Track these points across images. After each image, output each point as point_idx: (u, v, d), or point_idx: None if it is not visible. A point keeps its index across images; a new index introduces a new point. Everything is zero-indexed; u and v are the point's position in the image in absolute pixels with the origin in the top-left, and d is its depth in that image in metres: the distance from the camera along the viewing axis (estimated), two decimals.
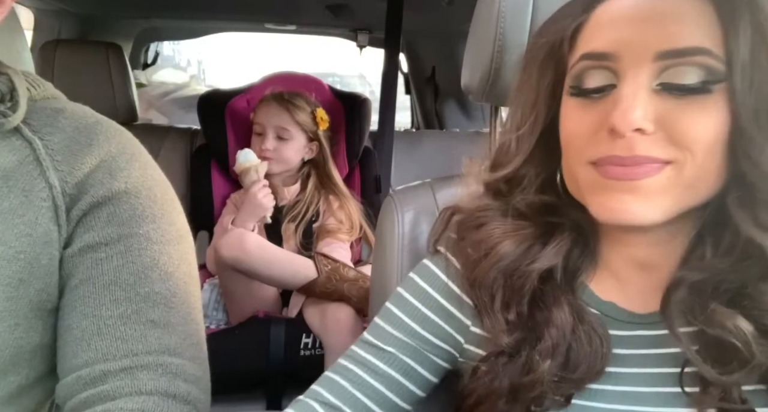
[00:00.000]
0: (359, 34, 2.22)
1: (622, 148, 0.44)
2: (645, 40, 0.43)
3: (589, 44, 0.47)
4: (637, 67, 0.44)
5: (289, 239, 1.48)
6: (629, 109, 0.43)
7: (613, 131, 0.44)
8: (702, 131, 0.43)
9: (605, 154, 0.45)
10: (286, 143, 1.48)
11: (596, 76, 0.46)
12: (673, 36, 0.43)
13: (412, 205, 0.69)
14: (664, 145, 0.43)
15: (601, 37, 0.46)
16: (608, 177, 0.45)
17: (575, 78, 0.48)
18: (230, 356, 1.26)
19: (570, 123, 0.48)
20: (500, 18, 0.61)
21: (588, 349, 0.49)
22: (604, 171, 0.46)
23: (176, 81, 3.96)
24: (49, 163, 0.53)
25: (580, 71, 0.47)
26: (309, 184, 1.54)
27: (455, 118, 2.18)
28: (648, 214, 0.44)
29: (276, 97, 1.51)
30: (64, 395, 0.51)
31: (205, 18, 2.39)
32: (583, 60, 0.47)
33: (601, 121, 0.45)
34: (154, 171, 0.60)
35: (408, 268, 0.66)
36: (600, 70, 0.46)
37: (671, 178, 0.44)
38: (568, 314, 0.50)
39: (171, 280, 0.55)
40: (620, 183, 0.45)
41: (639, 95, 0.43)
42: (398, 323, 0.56)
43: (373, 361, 0.55)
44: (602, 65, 0.46)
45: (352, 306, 1.33)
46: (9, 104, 0.54)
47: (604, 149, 0.45)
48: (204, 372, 0.55)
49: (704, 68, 0.42)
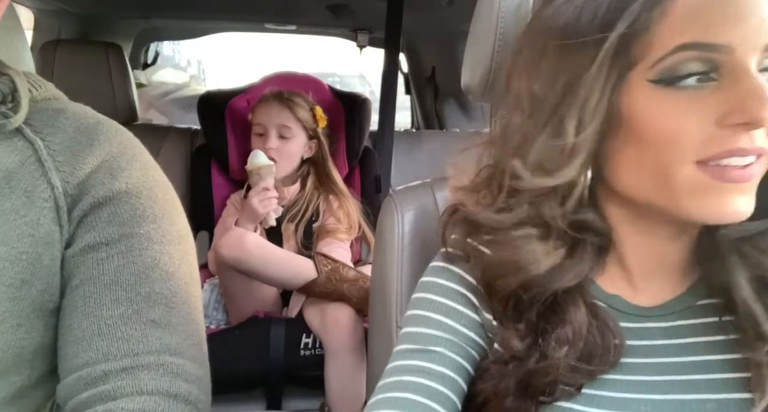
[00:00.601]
0: (359, 34, 2.22)
1: (747, 141, 0.43)
2: (757, 33, 0.43)
3: (690, 34, 0.43)
4: (748, 60, 0.43)
5: (289, 238, 1.48)
6: (766, 100, 0.42)
7: (748, 125, 0.43)
8: None
9: (724, 149, 0.43)
10: (288, 142, 1.49)
11: (697, 66, 0.44)
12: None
13: (412, 205, 0.69)
14: (766, 137, 0.44)
15: (705, 27, 0.43)
16: (724, 180, 0.44)
17: (668, 69, 0.44)
18: (230, 356, 1.26)
19: (668, 117, 0.45)
20: (500, 18, 0.61)
21: (601, 342, 0.49)
22: (719, 173, 0.44)
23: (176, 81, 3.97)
24: (50, 164, 0.53)
25: (677, 62, 0.44)
26: (308, 183, 1.54)
27: (455, 118, 2.18)
28: (751, 209, 0.45)
29: (276, 96, 1.51)
30: (64, 396, 0.51)
31: (205, 18, 2.39)
32: (684, 51, 0.44)
33: (716, 115, 0.43)
34: (155, 171, 0.60)
35: (408, 268, 0.66)
36: (702, 62, 0.44)
37: (762, 172, 0.45)
38: (584, 312, 0.50)
39: (172, 280, 0.55)
40: (736, 185, 0.44)
41: (763, 87, 0.42)
42: (436, 324, 0.54)
43: (426, 365, 0.52)
44: (708, 57, 0.44)
45: (352, 306, 1.33)
46: (11, 105, 0.54)
47: (725, 144, 0.43)
48: (205, 372, 0.55)
49: None
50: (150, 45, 2.73)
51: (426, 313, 0.55)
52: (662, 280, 0.53)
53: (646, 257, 0.53)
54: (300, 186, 1.54)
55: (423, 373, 0.51)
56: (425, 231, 0.67)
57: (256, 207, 1.41)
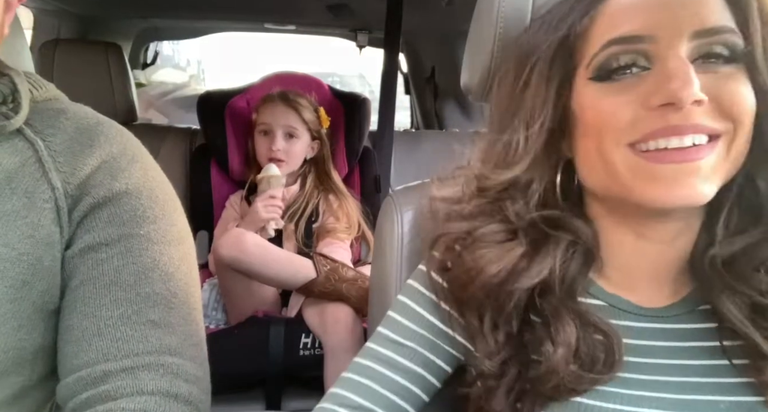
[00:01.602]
0: (359, 34, 2.22)
1: (679, 119, 0.44)
2: (679, 21, 0.45)
3: (614, 30, 0.47)
4: (674, 46, 0.45)
5: (288, 238, 1.48)
6: (689, 80, 0.43)
7: (670, 105, 0.44)
8: (747, 101, 0.45)
9: (660, 126, 0.45)
10: (294, 142, 1.49)
11: (626, 58, 0.47)
12: (704, 16, 0.45)
13: (411, 205, 0.69)
14: (716, 117, 0.45)
15: (629, 21, 0.47)
16: (662, 161, 0.45)
17: (601, 65, 0.48)
18: (230, 356, 1.26)
19: (601, 107, 0.48)
20: (500, 18, 0.61)
21: (597, 344, 0.49)
22: (660, 156, 0.45)
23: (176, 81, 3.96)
24: (51, 165, 0.53)
25: (606, 57, 0.47)
26: (308, 182, 1.54)
27: (455, 118, 2.18)
28: (709, 193, 0.45)
29: (282, 97, 1.51)
30: (64, 396, 0.51)
31: (205, 18, 2.39)
32: (611, 46, 0.47)
33: (643, 99, 0.46)
34: (155, 172, 0.60)
35: (407, 268, 0.66)
36: (630, 54, 0.47)
37: (722, 155, 0.46)
38: (571, 324, 0.50)
39: (171, 280, 0.55)
40: (680, 166, 0.45)
41: (690, 68, 0.44)
42: (415, 317, 0.56)
43: (394, 357, 0.55)
44: (634, 48, 0.46)
45: (351, 306, 1.33)
46: (11, 106, 0.54)
47: (653, 125, 0.45)
48: (204, 372, 0.55)
49: (731, 44, 0.45)
50: (149, 45, 2.73)
51: (409, 302, 0.57)
52: (661, 283, 0.53)
53: (640, 260, 0.53)
54: (300, 185, 1.54)
55: (392, 366, 0.55)
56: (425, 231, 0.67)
57: (260, 212, 1.41)
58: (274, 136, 1.48)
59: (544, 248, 0.52)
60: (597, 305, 0.53)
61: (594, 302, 0.53)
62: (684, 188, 0.45)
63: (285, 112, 1.49)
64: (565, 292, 0.51)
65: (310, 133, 1.52)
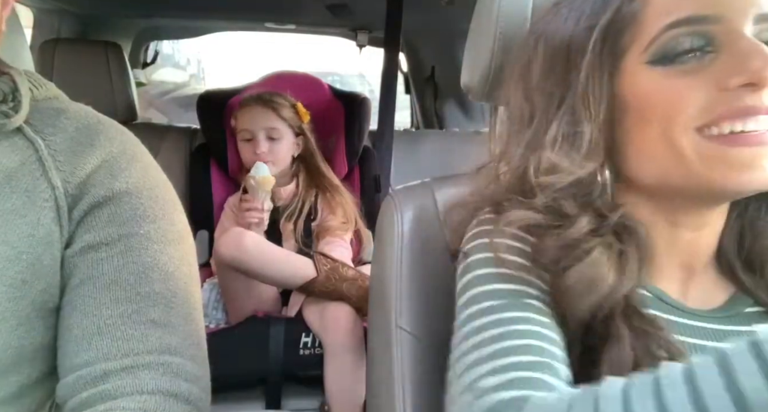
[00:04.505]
0: (359, 33, 2.22)
1: (757, 100, 0.43)
2: (743, 3, 0.44)
3: (675, 12, 0.45)
4: (741, 28, 0.44)
5: (288, 237, 1.48)
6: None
7: (752, 85, 0.42)
8: None
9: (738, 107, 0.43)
10: (277, 143, 1.49)
11: (690, 41, 0.45)
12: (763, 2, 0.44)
13: (411, 205, 0.69)
14: None
15: (690, 2, 0.45)
16: (741, 144, 0.43)
17: (662, 48, 0.46)
18: (230, 356, 1.26)
19: (667, 91, 0.46)
20: (500, 18, 0.61)
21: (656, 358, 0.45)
22: (733, 140, 0.44)
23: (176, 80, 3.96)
24: (51, 164, 0.53)
25: (669, 40, 0.46)
26: (300, 181, 1.54)
27: (455, 118, 2.18)
28: None
29: (256, 100, 1.51)
30: (64, 395, 0.51)
31: (205, 17, 2.39)
32: (673, 28, 0.45)
33: (718, 80, 0.44)
34: (156, 171, 0.60)
35: (407, 267, 0.66)
36: (694, 37, 0.45)
37: None
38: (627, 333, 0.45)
39: (171, 280, 0.55)
40: (756, 149, 0.43)
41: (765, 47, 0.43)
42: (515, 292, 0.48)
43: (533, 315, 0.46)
44: (697, 30, 0.45)
45: (352, 305, 1.33)
46: (11, 104, 0.54)
47: (729, 106, 0.43)
48: (204, 372, 0.55)
49: None
50: (149, 44, 2.73)
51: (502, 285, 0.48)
52: (702, 283, 0.51)
53: (672, 249, 0.51)
54: (294, 184, 1.54)
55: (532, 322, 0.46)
56: (425, 231, 0.67)
57: (243, 215, 1.42)
58: (256, 141, 1.48)
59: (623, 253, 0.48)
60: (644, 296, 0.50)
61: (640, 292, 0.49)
62: (762, 171, 0.43)
63: (263, 113, 1.49)
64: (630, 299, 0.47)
65: (292, 131, 1.52)
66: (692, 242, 0.51)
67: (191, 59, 5.48)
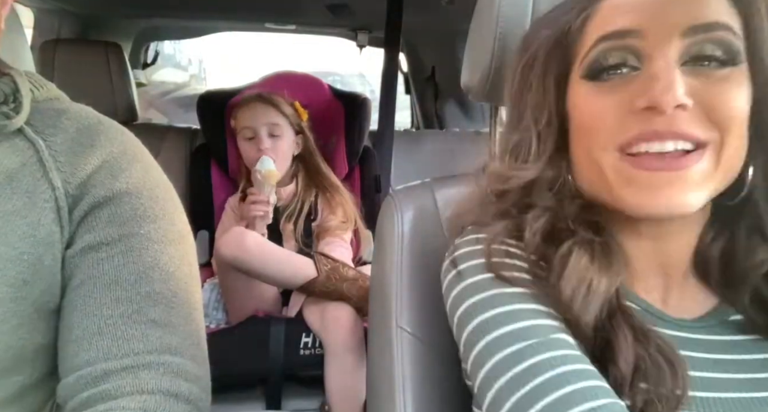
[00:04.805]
0: (359, 33, 2.22)
1: (662, 124, 0.43)
2: (671, 16, 0.43)
3: (607, 26, 0.46)
4: (665, 43, 0.43)
5: (288, 238, 1.48)
6: (671, 83, 0.42)
7: (653, 108, 0.42)
8: (736, 106, 0.43)
9: (637, 132, 0.43)
10: (279, 139, 1.49)
11: (615, 57, 0.45)
12: (698, 11, 0.43)
13: (412, 205, 0.69)
14: (701, 124, 0.43)
15: (621, 17, 0.45)
16: (646, 168, 0.43)
17: (592, 62, 0.46)
18: (230, 356, 1.26)
19: (590, 107, 0.46)
20: (500, 18, 0.61)
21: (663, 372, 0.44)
22: (637, 161, 0.44)
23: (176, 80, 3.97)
24: (52, 165, 0.53)
25: (597, 55, 0.46)
26: (300, 180, 1.54)
27: (455, 118, 2.18)
28: (695, 203, 0.43)
29: (256, 98, 1.52)
30: (65, 395, 0.51)
31: (205, 17, 2.39)
32: (602, 42, 0.46)
33: (629, 101, 0.44)
34: (156, 171, 0.60)
35: (408, 267, 0.66)
36: (620, 52, 0.45)
37: (712, 163, 0.43)
38: (630, 339, 0.45)
39: (172, 280, 0.55)
40: (666, 174, 0.43)
41: (676, 71, 0.43)
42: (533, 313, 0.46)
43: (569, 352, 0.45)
44: (624, 45, 0.45)
45: (352, 305, 1.33)
46: (12, 105, 0.54)
47: (637, 128, 0.43)
48: (205, 371, 0.55)
49: (727, 44, 0.43)
50: (150, 44, 2.73)
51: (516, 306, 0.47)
52: (683, 292, 0.50)
53: (644, 258, 0.50)
54: (294, 185, 1.55)
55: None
56: (425, 231, 0.67)
57: (249, 208, 1.42)
58: (259, 137, 1.48)
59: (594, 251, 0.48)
60: (635, 309, 0.48)
61: (630, 304, 0.49)
62: (666, 198, 0.43)
63: (265, 110, 1.49)
64: (617, 301, 0.47)
65: (292, 128, 1.52)
66: (662, 251, 0.50)
67: (193, 59, 5.49)
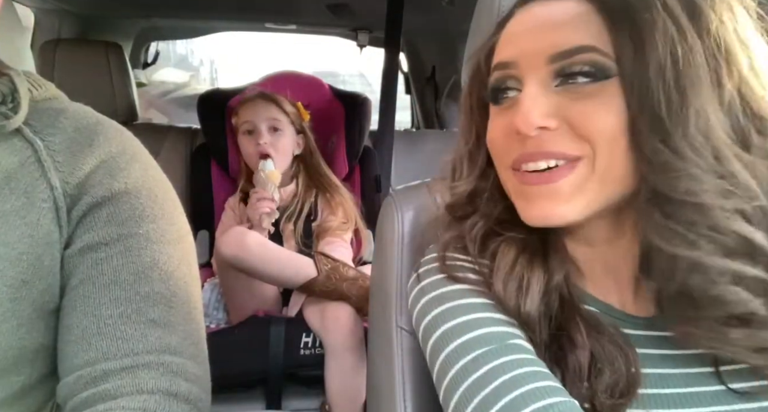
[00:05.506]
0: (359, 33, 2.22)
1: (532, 146, 0.47)
2: (538, 47, 0.47)
3: (498, 57, 0.51)
4: (534, 71, 0.47)
5: (288, 238, 1.48)
6: (530, 109, 0.46)
7: (519, 133, 0.47)
8: (601, 122, 0.45)
9: (518, 154, 0.48)
10: (280, 135, 1.49)
11: (503, 82, 0.50)
12: (561, 39, 0.46)
13: (412, 204, 0.69)
14: (570, 140, 0.46)
15: (505, 48, 0.50)
16: (526, 183, 0.48)
17: (491, 88, 0.51)
18: (230, 356, 1.26)
19: (491, 131, 0.52)
20: (500, 17, 0.61)
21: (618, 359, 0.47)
22: (521, 177, 0.48)
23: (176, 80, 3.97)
24: (50, 164, 0.53)
25: (494, 81, 0.51)
26: (300, 181, 1.54)
27: (455, 118, 2.18)
28: (569, 214, 0.47)
29: (258, 95, 1.53)
30: (65, 395, 0.51)
31: (206, 17, 2.39)
32: (495, 71, 0.51)
33: (510, 125, 0.48)
34: (155, 171, 0.60)
35: (408, 267, 0.66)
36: (508, 79, 0.50)
37: (584, 175, 0.46)
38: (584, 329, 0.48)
39: (171, 279, 0.55)
40: (538, 188, 0.47)
41: (538, 95, 0.47)
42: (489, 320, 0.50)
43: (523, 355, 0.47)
44: (508, 74, 0.50)
45: (352, 305, 1.33)
46: (11, 105, 0.54)
47: (516, 149, 0.48)
48: (204, 371, 0.55)
49: (593, 64, 0.45)
50: (150, 44, 2.73)
51: None
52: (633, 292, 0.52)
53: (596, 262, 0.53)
54: (295, 185, 1.54)
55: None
56: (425, 231, 0.67)
57: (254, 206, 1.42)
58: (259, 132, 1.48)
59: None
60: (591, 312, 0.51)
61: (588, 308, 0.51)
62: (540, 210, 0.47)
63: (266, 106, 1.50)
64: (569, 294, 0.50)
65: (293, 127, 1.52)
66: (604, 255, 0.52)
67: (204, 60, 5.52)
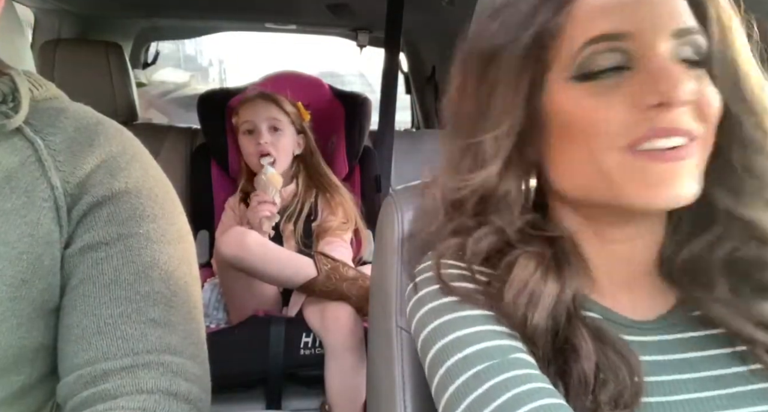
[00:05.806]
0: (359, 33, 2.22)
1: (666, 121, 0.43)
2: (659, 19, 0.45)
3: (594, 28, 0.46)
4: (656, 45, 0.44)
5: (288, 238, 1.48)
6: (680, 79, 0.43)
7: (662, 105, 0.43)
8: (717, 103, 0.45)
9: (646, 129, 0.44)
10: (280, 135, 1.49)
11: (607, 58, 0.46)
12: (681, 15, 0.45)
13: (412, 204, 0.69)
14: (696, 118, 0.44)
15: (608, 19, 0.45)
16: (657, 160, 0.44)
17: (581, 65, 0.46)
18: (230, 356, 1.26)
19: (587, 108, 0.46)
20: None
21: (619, 365, 0.45)
22: (649, 155, 0.44)
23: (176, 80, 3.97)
24: (50, 164, 0.53)
25: (587, 57, 0.46)
26: (300, 181, 1.54)
27: None
28: (696, 192, 0.45)
29: (258, 95, 1.53)
30: (65, 395, 0.51)
31: (206, 17, 2.40)
32: (591, 45, 0.45)
33: (630, 100, 0.44)
34: (155, 171, 0.60)
35: (408, 267, 0.66)
36: (611, 53, 0.45)
37: (700, 155, 0.45)
38: (589, 340, 0.46)
39: (171, 279, 0.55)
40: (669, 166, 0.44)
41: (678, 68, 0.44)
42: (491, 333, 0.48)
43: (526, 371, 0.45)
44: (614, 47, 0.45)
45: (352, 305, 1.33)
46: (11, 105, 0.54)
47: (646, 125, 0.44)
48: (204, 371, 0.55)
49: (698, 47, 0.45)
50: (150, 44, 2.73)
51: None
52: (638, 289, 0.51)
53: (608, 263, 0.51)
54: (295, 185, 1.55)
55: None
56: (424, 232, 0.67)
57: (255, 209, 1.42)
58: (259, 132, 1.48)
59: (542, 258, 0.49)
60: (594, 318, 0.49)
61: (590, 314, 0.50)
62: (674, 188, 0.44)
63: (266, 105, 1.50)
64: (574, 307, 0.48)
65: (294, 126, 1.52)
66: (625, 254, 0.51)
67: (213, 60, 5.54)
